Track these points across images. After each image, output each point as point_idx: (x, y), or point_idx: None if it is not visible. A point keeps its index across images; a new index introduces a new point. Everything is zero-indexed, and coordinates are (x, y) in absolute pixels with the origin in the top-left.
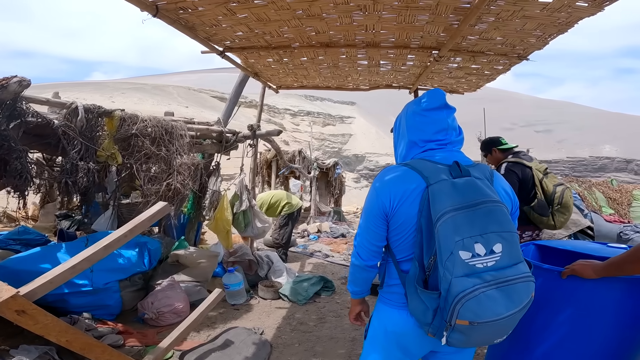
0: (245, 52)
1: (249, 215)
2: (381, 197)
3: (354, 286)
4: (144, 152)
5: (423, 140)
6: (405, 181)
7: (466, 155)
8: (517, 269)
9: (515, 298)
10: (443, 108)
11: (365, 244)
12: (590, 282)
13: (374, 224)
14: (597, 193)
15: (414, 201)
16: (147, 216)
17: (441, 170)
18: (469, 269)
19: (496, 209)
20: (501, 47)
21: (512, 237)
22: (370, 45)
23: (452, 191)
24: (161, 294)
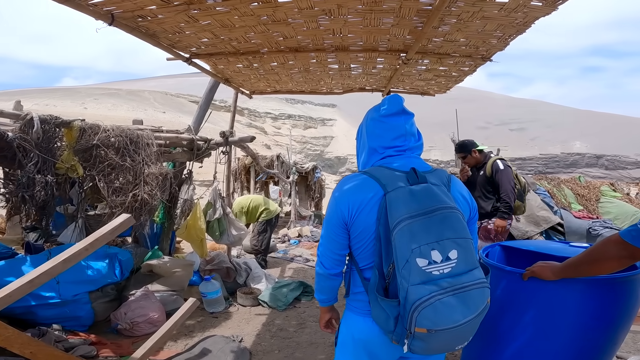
0: (213, 58)
1: (223, 223)
2: (340, 206)
3: (321, 294)
4: (107, 163)
5: (382, 147)
6: (363, 190)
7: (424, 161)
8: (473, 275)
9: (471, 304)
10: (401, 114)
11: (328, 252)
12: (551, 284)
13: (335, 233)
14: (565, 190)
15: (372, 209)
16: (109, 229)
17: (399, 178)
18: (426, 276)
19: (451, 215)
20: (465, 48)
21: (466, 243)
22: (339, 49)
23: (408, 199)
24: (135, 304)
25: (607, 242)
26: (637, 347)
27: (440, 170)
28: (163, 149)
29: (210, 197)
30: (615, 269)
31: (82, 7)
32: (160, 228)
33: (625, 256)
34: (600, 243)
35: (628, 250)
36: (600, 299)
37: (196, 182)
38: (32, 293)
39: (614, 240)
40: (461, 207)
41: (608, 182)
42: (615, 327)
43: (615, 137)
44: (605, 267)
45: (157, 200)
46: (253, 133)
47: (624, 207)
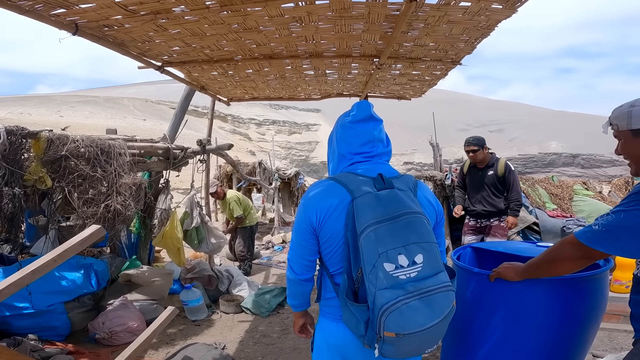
0: (186, 66)
1: (202, 231)
2: (307, 212)
3: (293, 299)
4: (77, 174)
5: (350, 152)
6: (330, 195)
7: (392, 167)
8: (438, 279)
9: (437, 308)
10: (369, 120)
11: (297, 258)
12: (516, 285)
13: (303, 238)
14: (540, 189)
15: (339, 215)
16: (78, 240)
17: (366, 183)
18: (393, 280)
19: (416, 220)
20: (435, 52)
21: (431, 247)
22: (313, 55)
23: (375, 204)
24: (112, 314)
25: (563, 243)
26: (613, 345)
27: (407, 175)
28: (137, 159)
29: (187, 206)
30: (572, 270)
31: (44, 17)
32: (137, 238)
33: (581, 257)
34: (557, 244)
35: (583, 251)
36: (563, 299)
37: (179, 190)
38: (5, 304)
39: (569, 241)
40: (427, 211)
41: (580, 181)
42: (583, 325)
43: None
44: (562, 268)
45: (131, 210)
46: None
47: (596, 205)
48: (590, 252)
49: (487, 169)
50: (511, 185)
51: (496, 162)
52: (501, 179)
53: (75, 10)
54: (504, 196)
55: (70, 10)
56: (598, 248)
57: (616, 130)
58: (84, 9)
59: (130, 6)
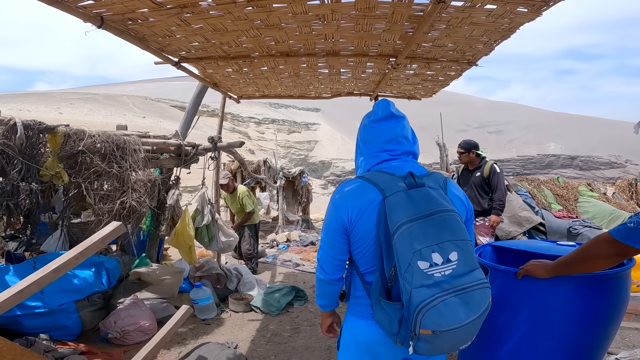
0: (202, 62)
1: (212, 229)
2: (339, 212)
3: (322, 299)
4: (93, 170)
5: (376, 151)
6: (361, 194)
7: (420, 165)
8: (474, 276)
9: (474, 305)
10: (390, 118)
11: (328, 258)
12: (544, 282)
13: (334, 238)
14: (545, 190)
15: (371, 214)
16: (99, 237)
17: (396, 182)
18: (428, 278)
19: (450, 218)
20: (452, 53)
21: (466, 245)
22: (330, 53)
23: (407, 202)
24: (124, 313)
25: (597, 240)
26: (625, 342)
27: (437, 173)
28: (150, 155)
29: (198, 203)
30: (605, 267)
31: (70, 9)
32: (147, 235)
33: (615, 254)
34: (590, 242)
35: (618, 248)
36: (589, 296)
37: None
38: None
39: (604, 238)
40: (458, 209)
41: (585, 183)
42: (606, 323)
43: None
44: (596, 265)
45: (146, 207)
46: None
47: (601, 206)
48: (625, 249)
49: (475, 171)
50: (495, 187)
51: (484, 165)
52: (486, 180)
53: (102, 2)
54: (489, 197)
55: (97, 2)
56: (634, 245)
57: None
58: (111, 1)
59: None
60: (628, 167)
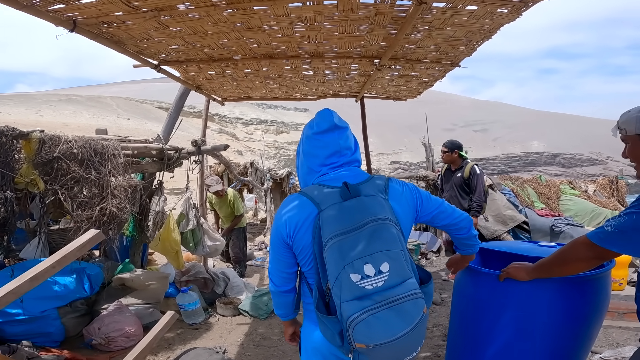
0: (183, 65)
1: (198, 233)
2: (279, 228)
3: (278, 310)
4: (70, 176)
5: (318, 165)
6: (299, 210)
7: (362, 170)
8: (406, 287)
9: (406, 317)
10: (333, 130)
11: (276, 271)
12: (526, 284)
13: (279, 253)
14: (528, 189)
15: (307, 229)
16: (77, 246)
17: (332, 195)
18: (360, 291)
19: (381, 227)
20: (436, 54)
21: (397, 254)
22: (314, 55)
23: (340, 215)
24: (108, 319)
25: (575, 243)
26: (609, 341)
27: (378, 177)
28: (131, 160)
29: (183, 207)
30: (584, 270)
31: (41, 13)
32: (131, 241)
33: (593, 257)
34: (569, 245)
35: (595, 251)
36: (570, 298)
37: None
38: None
39: (582, 241)
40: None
41: (567, 181)
42: (588, 324)
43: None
44: (574, 267)
45: (127, 213)
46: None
47: (583, 204)
48: (603, 252)
49: (457, 171)
50: (474, 188)
51: (465, 166)
52: (466, 181)
53: (74, 6)
54: (469, 197)
55: (69, 6)
56: (611, 248)
57: (624, 135)
58: (83, 5)
59: (134, 2)
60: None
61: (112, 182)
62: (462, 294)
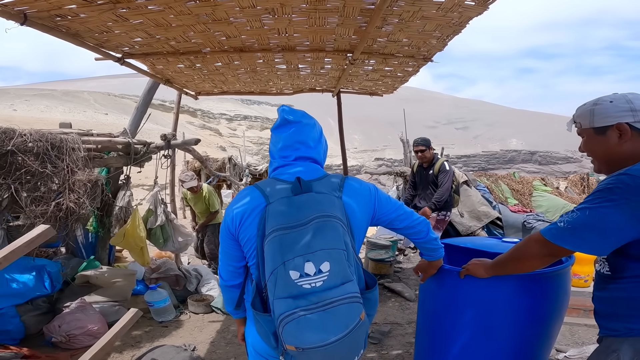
0: (150, 58)
1: (167, 230)
2: (226, 219)
3: (228, 306)
4: (25, 170)
5: (274, 158)
6: (247, 201)
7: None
8: (343, 290)
9: (339, 321)
10: (285, 124)
11: (224, 265)
12: (485, 282)
13: (226, 244)
14: (502, 185)
15: (253, 221)
16: (24, 242)
17: (284, 188)
18: (296, 289)
19: (327, 225)
20: (408, 49)
21: (339, 254)
22: (285, 49)
23: (286, 209)
24: (69, 317)
25: (529, 240)
26: (574, 339)
27: (334, 176)
28: (93, 154)
29: (150, 203)
30: (538, 267)
31: None
32: (96, 237)
33: (547, 254)
34: (523, 241)
35: (548, 248)
36: (530, 295)
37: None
38: None
39: (535, 238)
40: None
41: (539, 178)
42: (547, 321)
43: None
44: (528, 264)
45: (86, 208)
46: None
47: (554, 200)
48: (556, 250)
49: (429, 168)
50: (441, 184)
51: (436, 162)
52: (436, 177)
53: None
54: None
55: (18, 0)
56: (563, 245)
57: (579, 128)
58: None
59: None
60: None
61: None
62: (427, 291)
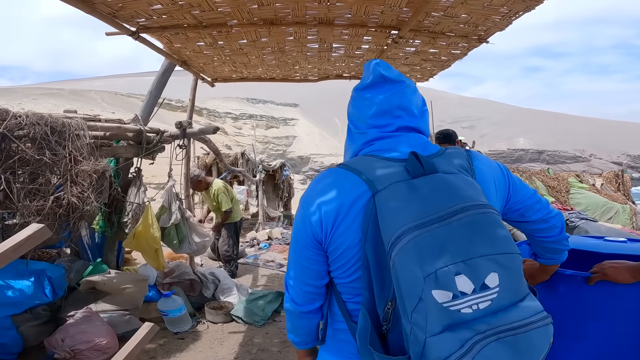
0: (167, 32)
1: (182, 229)
2: (309, 218)
3: (295, 336)
4: (18, 157)
5: (364, 128)
6: (340, 191)
7: (428, 140)
8: (527, 309)
9: (527, 352)
10: (381, 83)
11: (298, 283)
12: (623, 288)
13: (305, 256)
14: (537, 182)
15: (354, 221)
16: (12, 244)
17: (392, 168)
18: (451, 317)
19: (483, 219)
20: (463, 27)
21: (512, 261)
22: (322, 22)
23: (411, 198)
24: (73, 329)
25: None
26: None
27: (455, 149)
28: (101, 142)
29: (164, 199)
30: None
31: None
32: (102, 237)
33: None
34: None
35: None
36: None
37: (151, 185)
38: None
39: None
40: (493, 202)
41: (574, 174)
42: None
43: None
44: None
45: (91, 204)
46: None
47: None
48: None
49: None
50: None
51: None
52: None
53: None
54: None
55: None
56: None
57: None
58: None
59: None
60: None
61: (73, 166)
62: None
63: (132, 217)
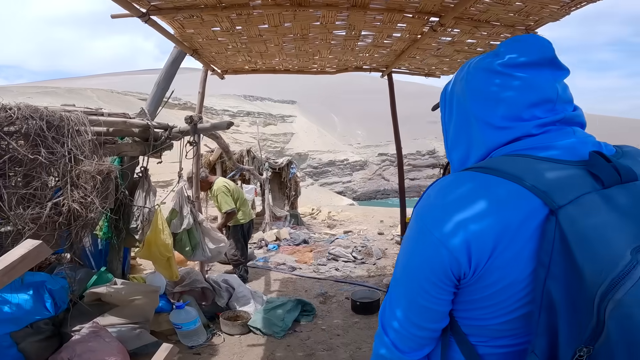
0: (180, 15)
1: (195, 234)
2: (445, 245)
3: None
4: (9, 157)
5: (511, 118)
6: (495, 203)
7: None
8: None
9: None
10: (547, 65)
11: (409, 326)
12: None
13: (428, 295)
14: None
15: (526, 245)
16: (1, 268)
17: (572, 174)
18: None
19: None
20: (514, 15)
21: None
22: (356, 5)
23: (614, 215)
24: (81, 347)
25: None
26: None
27: (632, 148)
28: (104, 139)
29: (175, 202)
30: None
31: None
32: (107, 244)
33: None
34: None
35: None
36: None
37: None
38: None
39: None
40: None
41: None
42: None
43: None
44: None
45: (96, 210)
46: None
47: None
48: None
49: None
50: None
51: None
52: None
53: None
54: None
55: None
56: None
57: None
58: None
59: None
60: None
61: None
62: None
63: (143, 223)
